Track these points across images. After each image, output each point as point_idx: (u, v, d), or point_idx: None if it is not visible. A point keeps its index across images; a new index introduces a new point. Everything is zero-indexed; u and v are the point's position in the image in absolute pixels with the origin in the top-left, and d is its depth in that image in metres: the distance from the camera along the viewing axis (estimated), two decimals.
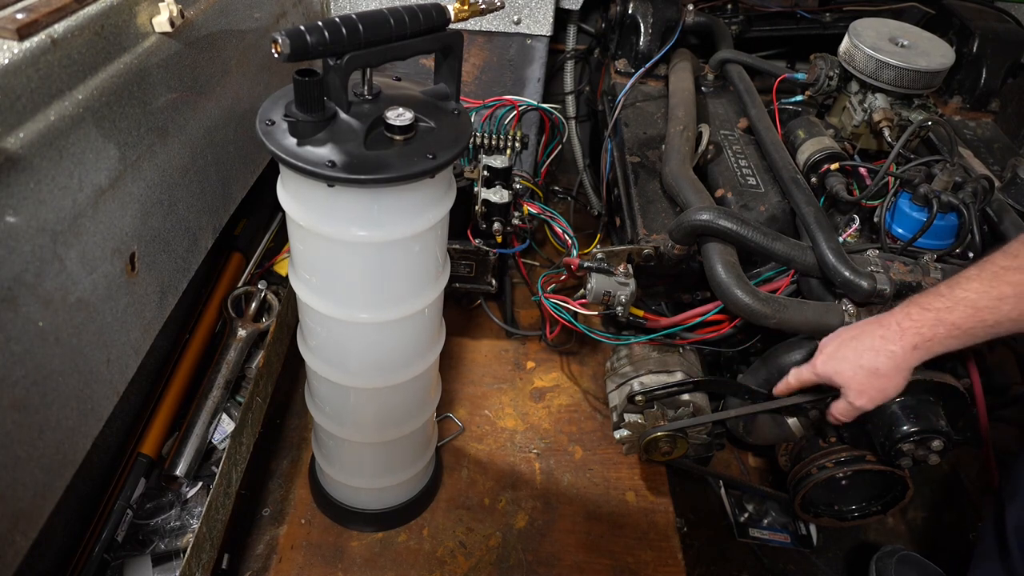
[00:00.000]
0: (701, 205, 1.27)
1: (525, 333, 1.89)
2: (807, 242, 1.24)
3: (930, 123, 1.34)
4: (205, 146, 1.17)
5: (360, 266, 1.03)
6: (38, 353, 0.79)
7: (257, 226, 1.75)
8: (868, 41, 1.38)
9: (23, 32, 0.77)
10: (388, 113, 0.93)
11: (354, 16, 0.88)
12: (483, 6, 1.04)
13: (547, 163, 1.92)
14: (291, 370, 1.70)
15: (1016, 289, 0.91)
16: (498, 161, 1.54)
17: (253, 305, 1.59)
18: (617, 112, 1.75)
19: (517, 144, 1.67)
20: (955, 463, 1.71)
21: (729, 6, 1.91)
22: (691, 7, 1.83)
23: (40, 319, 0.79)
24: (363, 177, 0.88)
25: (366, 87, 0.97)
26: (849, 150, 1.44)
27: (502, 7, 1.07)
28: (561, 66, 2.00)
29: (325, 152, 0.89)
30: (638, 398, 1.29)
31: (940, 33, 1.63)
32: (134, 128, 0.96)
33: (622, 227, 1.55)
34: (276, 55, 0.84)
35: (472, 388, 1.74)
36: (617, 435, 1.35)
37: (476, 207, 1.55)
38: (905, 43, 1.39)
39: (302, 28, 0.84)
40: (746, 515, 1.58)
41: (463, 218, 1.60)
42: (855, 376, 1.05)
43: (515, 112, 1.76)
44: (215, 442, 1.43)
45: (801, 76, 1.56)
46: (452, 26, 0.99)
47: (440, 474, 1.54)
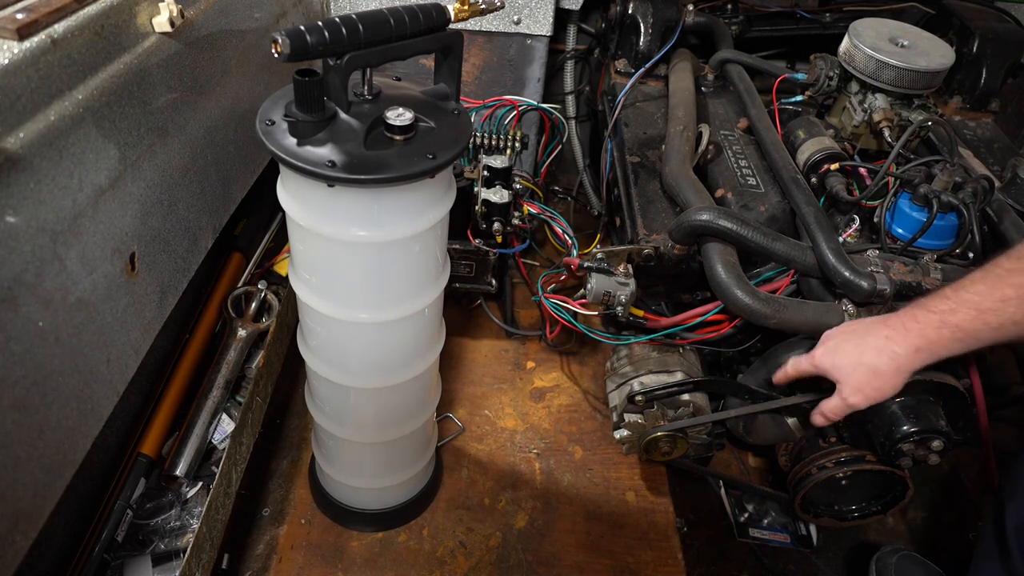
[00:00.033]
0: (701, 205, 1.27)
1: (525, 333, 1.88)
2: (807, 242, 1.24)
3: (930, 123, 1.34)
4: (205, 146, 1.17)
5: (360, 266, 1.03)
6: (38, 353, 0.79)
7: (257, 226, 1.75)
8: (868, 41, 1.38)
9: (23, 32, 0.77)
10: (388, 113, 0.93)
11: (354, 16, 0.88)
12: (483, 6, 1.04)
13: (547, 163, 1.91)
14: (291, 370, 1.70)
15: (1019, 291, 0.90)
16: (498, 161, 1.54)
17: (253, 305, 1.59)
18: (617, 112, 1.75)
19: (517, 144, 1.67)
20: (955, 463, 1.71)
21: (729, 6, 1.91)
22: (691, 7, 1.83)
23: (40, 319, 0.79)
24: (363, 177, 0.88)
25: (366, 87, 0.97)
26: (849, 150, 1.44)
27: (502, 7, 1.07)
28: (561, 66, 2.00)
29: (325, 152, 0.89)
30: (638, 398, 1.29)
31: (940, 33, 1.63)
32: (134, 128, 0.96)
33: (622, 227, 1.55)
34: (276, 55, 0.84)
35: (472, 388, 1.74)
36: (617, 435, 1.35)
37: (476, 207, 1.55)
38: (905, 43, 1.39)
39: (302, 28, 0.84)
40: (746, 515, 1.58)
41: (463, 218, 1.60)
42: (853, 373, 1.05)
43: (515, 112, 1.76)
44: (215, 442, 1.43)
45: (801, 76, 1.56)
46: (452, 26, 0.99)
47: (440, 474, 1.54)
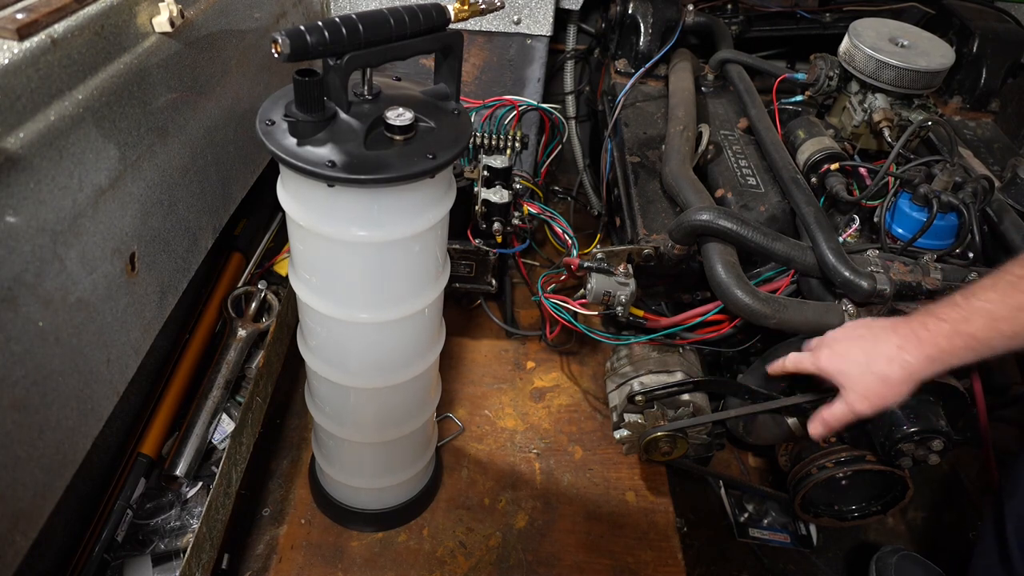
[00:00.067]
0: (701, 205, 1.27)
1: (525, 333, 1.88)
2: (807, 242, 1.24)
3: (930, 123, 1.34)
4: (205, 146, 1.17)
5: (360, 266, 1.03)
6: (38, 353, 0.79)
7: (257, 226, 1.75)
8: (868, 41, 1.38)
9: (23, 32, 0.77)
10: (388, 113, 0.93)
11: (354, 16, 0.88)
12: (483, 6, 1.04)
13: (547, 163, 1.91)
14: (291, 370, 1.70)
15: None
16: (498, 161, 1.54)
17: (253, 305, 1.59)
18: (617, 112, 1.75)
19: (517, 144, 1.67)
20: (955, 463, 1.71)
21: (729, 6, 1.91)
22: (691, 7, 1.83)
23: (40, 319, 0.79)
24: (363, 177, 0.88)
25: (366, 87, 0.97)
26: (849, 150, 1.44)
27: (502, 7, 1.07)
28: (561, 66, 2.00)
29: (325, 152, 0.89)
30: (638, 398, 1.29)
31: (940, 33, 1.63)
32: (134, 128, 0.96)
33: (622, 227, 1.55)
34: (276, 55, 0.84)
35: (472, 388, 1.74)
36: (617, 435, 1.35)
37: (476, 207, 1.55)
38: (905, 43, 1.39)
39: (302, 28, 0.84)
40: (746, 515, 1.58)
41: (463, 218, 1.60)
42: (862, 380, 1.03)
43: (515, 112, 1.76)
44: (215, 442, 1.43)
45: (801, 76, 1.56)
46: (452, 26, 0.99)
47: (440, 474, 1.54)
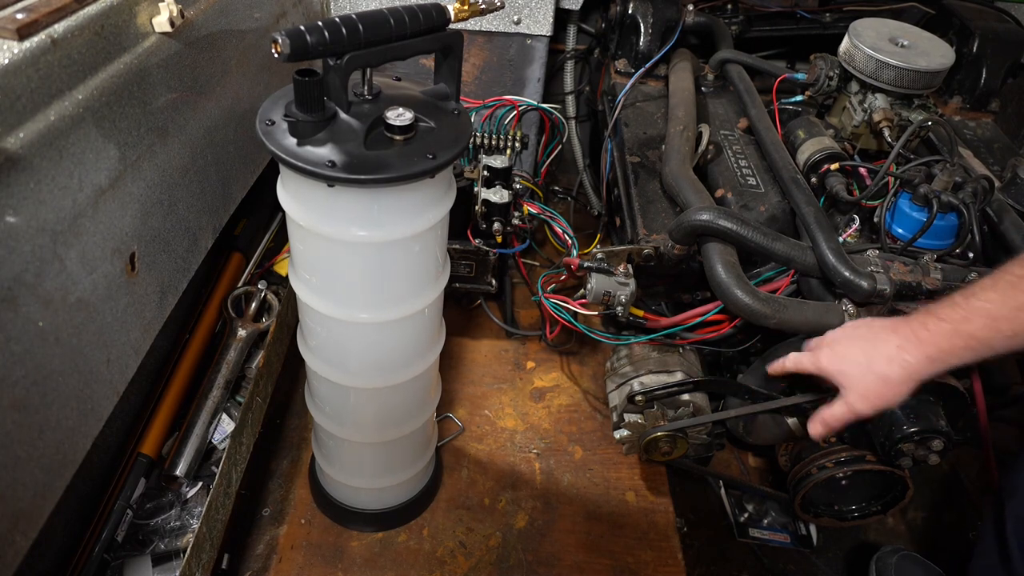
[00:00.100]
0: (701, 205, 1.27)
1: (525, 333, 1.88)
2: (807, 242, 1.24)
3: (930, 123, 1.34)
4: (205, 146, 1.17)
5: (360, 266, 1.03)
6: (38, 353, 0.79)
7: (257, 226, 1.75)
8: (868, 41, 1.38)
9: (23, 32, 0.77)
10: (388, 113, 0.93)
11: (354, 16, 0.88)
12: (483, 6, 1.04)
13: (547, 163, 1.91)
14: (291, 370, 1.70)
15: None
16: (498, 161, 1.54)
17: (253, 305, 1.59)
18: (617, 112, 1.75)
19: (517, 144, 1.67)
20: (955, 463, 1.71)
21: (729, 6, 1.91)
22: (691, 7, 1.83)
23: (40, 319, 0.79)
24: (363, 177, 0.88)
25: (366, 87, 0.97)
26: (849, 150, 1.44)
27: (502, 7, 1.06)
28: (561, 66, 2.00)
29: (325, 152, 0.89)
30: (638, 398, 1.29)
31: (940, 33, 1.63)
32: (134, 128, 0.96)
33: (622, 227, 1.55)
34: (276, 55, 0.84)
35: (472, 388, 1.74)
36: (617, 435, 1.35)
37: (476, 207, 1.55)
38: (905, 43, 1.39)
39: (302, 28, 0.84)
40: (746, 515, 1.58)
41: (463, 218, 1.60)
42: (862, 380, 1.03)
43: (515, 112, 1.76)
44: (215, 442, 1.43)
45: (801, 76, 1.56)
46: (452, 26, 0.99)
47: (440, 474, 1.54)
